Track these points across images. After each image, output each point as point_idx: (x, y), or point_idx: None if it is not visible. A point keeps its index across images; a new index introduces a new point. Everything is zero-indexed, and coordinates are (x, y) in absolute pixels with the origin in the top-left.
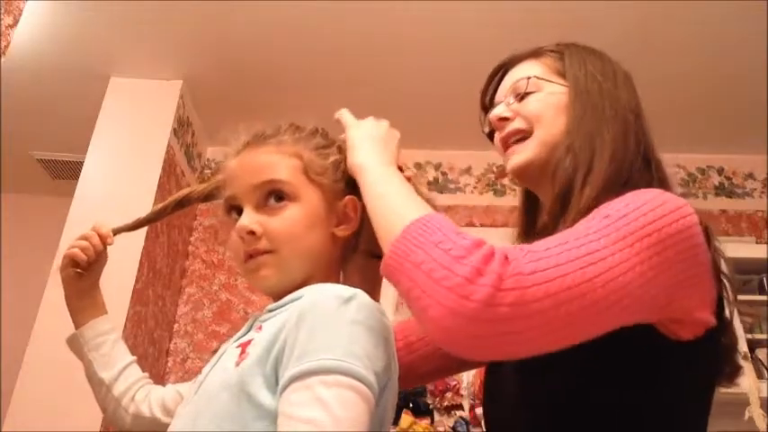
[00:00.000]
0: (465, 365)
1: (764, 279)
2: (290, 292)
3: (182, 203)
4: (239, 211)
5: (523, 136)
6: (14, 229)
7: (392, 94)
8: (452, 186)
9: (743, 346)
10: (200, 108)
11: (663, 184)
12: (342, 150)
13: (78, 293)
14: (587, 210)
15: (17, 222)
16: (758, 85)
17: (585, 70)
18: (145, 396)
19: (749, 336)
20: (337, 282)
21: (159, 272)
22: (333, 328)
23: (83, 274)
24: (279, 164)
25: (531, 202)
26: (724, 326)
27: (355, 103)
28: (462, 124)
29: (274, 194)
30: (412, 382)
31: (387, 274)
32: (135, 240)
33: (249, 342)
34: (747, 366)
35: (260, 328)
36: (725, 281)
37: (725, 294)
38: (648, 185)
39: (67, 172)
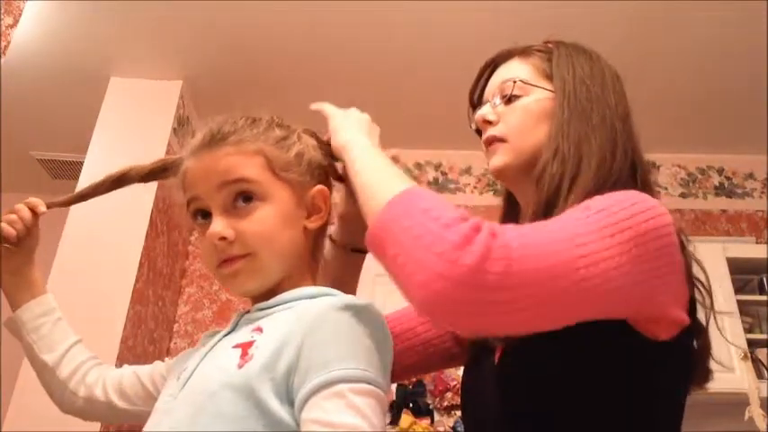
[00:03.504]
0: (446, 361)
1: (764, 279)
2: (270, 291)
3: (120, 181)
4: (204, 215)
5: (501, 140)
6: None
7: (393, 94)
8: (452, 186)
9: (742, 346)
10: (200, 108)
11: (645, 189)
12: (302, 139)
13: (10, 271)
14: None
15: None
16: (758, 85)
17: (574, 73)
18: (97, 378)
19: (749, 336)
20: (314, 273)
21: (159, 272)
22: (352, 338)
23: (12, 250)
24: (243, 164)
25: (512, 205)
26: (697, 328)
27: (356, 102)
28: (462, 124)
29: (242, 195)
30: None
31: (372, 241)
32: (135, 240)
33: (251, 344)
34: (747, 366)
35: (259, 329)
36: (698, 286)
37: (698, 298)
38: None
39: (67, 172)
